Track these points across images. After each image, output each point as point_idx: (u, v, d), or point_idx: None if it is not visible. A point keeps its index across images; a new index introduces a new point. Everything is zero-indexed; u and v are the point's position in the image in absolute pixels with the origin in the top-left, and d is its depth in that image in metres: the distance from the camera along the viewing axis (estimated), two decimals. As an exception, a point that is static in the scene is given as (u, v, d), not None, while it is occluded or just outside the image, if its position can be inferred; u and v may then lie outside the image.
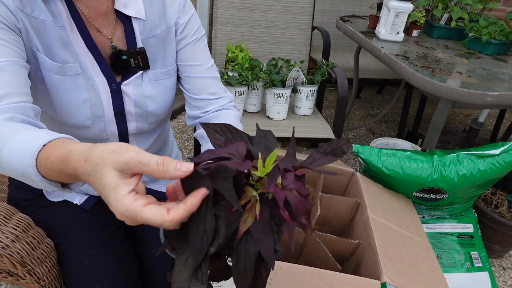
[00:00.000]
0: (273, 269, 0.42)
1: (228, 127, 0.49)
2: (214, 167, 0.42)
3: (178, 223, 0.41)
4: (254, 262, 0.42)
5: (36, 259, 0.80)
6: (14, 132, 0.55)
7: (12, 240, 0.77)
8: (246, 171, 0.44)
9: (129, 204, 0.40)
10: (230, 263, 0.46)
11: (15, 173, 0.54)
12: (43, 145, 0.51)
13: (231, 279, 0.46)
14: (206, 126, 0.48)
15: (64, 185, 0.54)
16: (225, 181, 0.41)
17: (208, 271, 0.45)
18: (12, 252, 0.76)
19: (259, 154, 0.44)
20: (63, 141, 0.51)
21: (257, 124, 0.52)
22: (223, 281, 0.49)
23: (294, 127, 0.51)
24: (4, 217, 0.79)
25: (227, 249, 0.45)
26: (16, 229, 0.78)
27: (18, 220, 0.80)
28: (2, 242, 0.75)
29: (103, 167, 0.41)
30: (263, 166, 0.42)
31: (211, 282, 0.49)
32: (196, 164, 0.42)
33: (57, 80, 0.73)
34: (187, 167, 0.41)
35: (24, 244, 0.78)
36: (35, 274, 0.80)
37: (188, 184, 0.43)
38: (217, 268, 0.47)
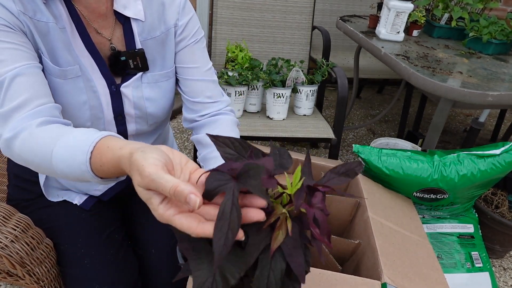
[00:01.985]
0: (303, 283, 0.42)
1: (239, 142, 0.48)
2: (241, 168, 0.42)
3: (204, 237, 0.42)
4: (280, 279, 0.42)
5: (35, 259, 0.80)
6: (57, 139, 0.59)
7: (12, 241, 0.77)
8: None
9: (162, 213, 0.43)
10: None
11: (69, 177, 0.58)
12: (91, 152, 0.55)
13: None
14: (215, 138, 0.48)
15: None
16: (252, 179, 0.41)
17: None
18: (11, 252, 0.75)
19: (285, 172, 0.45)
20: (107, 145, 0.54)
21: (271, 143, 0.53)
22: None
23: (308, 151, 0.51)
24: (3, 217, 0.79)
25: (250, 271, 0.44)
26: (15, 229, 0.78)
27: (17, 221, 0.80)
28: (1, 242, 0.75)
29: (133, 180, 0.47)
30: (291, 185, 0.43)
31: None
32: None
33: (58, 83, 0.73)
34: (194, 202, 0.41)
35: (23, 245, 0.78)
36: (35, 275, 0.80)
37: (213, 185, 0.42)
38: None
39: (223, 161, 0.46)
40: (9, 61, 0.64)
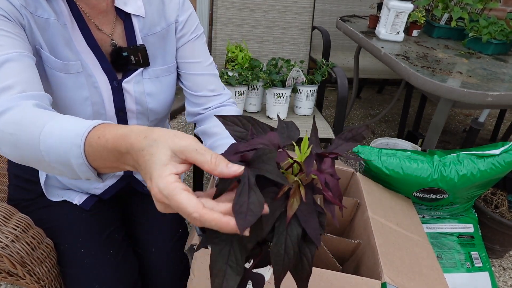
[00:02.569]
0: (318, 247, 0.44)
1: (247, 119, 0.49)
2: (253, 154, 0.42)
3: (204, 223, 0.38)
4: (297, 243, 0.43)
5: (36, 259, 0.80)
6: (53, 117, 0.54)
7: (12, 240, 0.77)
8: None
9: (170, 182, 0.39)
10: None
11: (50, 157, 0.52)
12: (93, 127, 0.49)
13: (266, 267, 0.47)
14: (223, 118, 0.49)
15: (99, 175, 0.53)
16: (267, 163, 0.42)
17: (251, 260, 0.46)
18: (12, 252, 0.76)
19: (293, 142, 0.46)
20: (117, 124, 0.50)
21: (278, 116, 0.55)
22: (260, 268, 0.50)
23: (314, 116, 0.52)
24: (4, 217, 0.79)
25: (267, 236, 0.46)
26: (16, 229, 0.78)
27: (18, 220, 0.80)
28: (2, 242, 0.75)
29: (160, 144, 0.42)
30: (300, 152, 0.44)
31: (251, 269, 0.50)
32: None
33: (61, 77, 0.74)
34: (237, 168, 0.41)
35: (24, 244, 0.78)
36: (35, 274, 0.80)
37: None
38: (260, 257, 0.48)
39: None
40: (4, 46, 0.63)
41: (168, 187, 0.39)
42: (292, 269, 0.45)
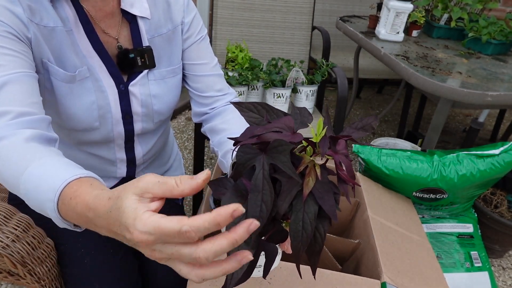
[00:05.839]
0: (336, 221, 0.45)
1: (262, 105, 0.51)
2: (270, 143, 0.44)
3: (199, 231, 0.36)
4: (314, 219, 0.45)
5: (36, 259, 0.80)
6: (38, 157, 0.54)
7: (13, 240, 0.77)
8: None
9: (147, 218, 0.37)
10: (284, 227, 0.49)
11: (29, 201, 0.53)
12: (69, 182, 0.49)
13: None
14: (239, 105, 0.50)
15: (76, 225, 0.53)
16: (282, 154, 0.43)
17: (263, 238, 0.48)
18: (12, 252, 0.76)
19: (309, 125, 0.48)
20: (91, 182, 0.49)
21: (291, 103, 0.57)
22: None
23: (327, 106, 0.53)
24: (4, 217, 0.79)
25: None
26: (16, 229, 0.79)
27: (18, 220, 0.80)
28: (2, 242, 0.75)
29: (123, 195, 0.40)
30: (316, 134, 0.46)
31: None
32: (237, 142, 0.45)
33: (68, 88, 0.73)
34: (204, 174, 0.38)
35: (24, 244, 0.78)
36: (36, 274, 0.80)
37: (243, 158, 0.45)
38: (274, 233, 0.49)
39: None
40: (5, 66, 0.62)
41: (147, 223, 0.37)
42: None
